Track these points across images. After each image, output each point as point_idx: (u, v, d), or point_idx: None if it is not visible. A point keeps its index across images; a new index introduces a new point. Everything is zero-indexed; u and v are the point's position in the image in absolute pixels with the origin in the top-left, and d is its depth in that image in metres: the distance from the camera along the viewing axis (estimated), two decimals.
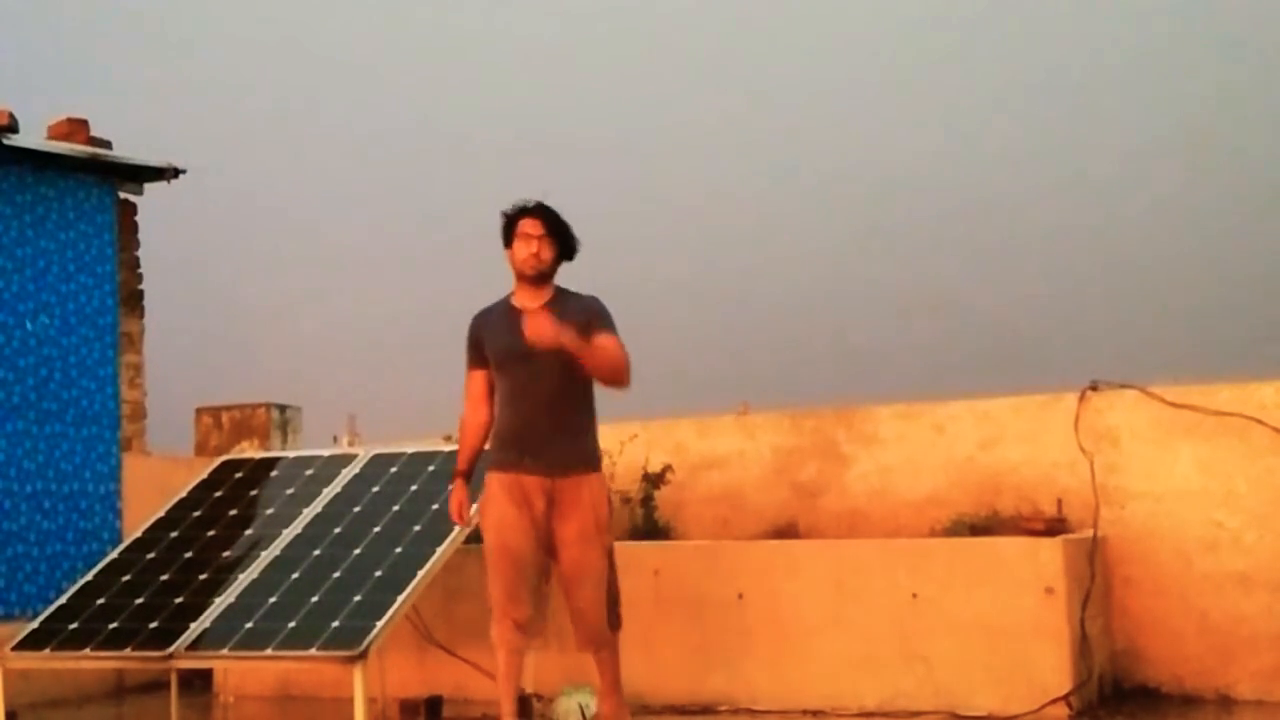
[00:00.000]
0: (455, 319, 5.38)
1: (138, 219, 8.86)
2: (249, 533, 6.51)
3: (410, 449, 6.94)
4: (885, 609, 6.06)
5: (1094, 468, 6.46)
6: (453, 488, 5.34)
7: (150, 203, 8.86)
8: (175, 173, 8.69)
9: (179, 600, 5.98)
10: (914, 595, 6.02)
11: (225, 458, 7.62)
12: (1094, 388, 6.60)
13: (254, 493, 6.91)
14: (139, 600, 6.04)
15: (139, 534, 6.70)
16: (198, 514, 6.75)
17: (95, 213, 8.37)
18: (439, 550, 5.95)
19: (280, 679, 7.23)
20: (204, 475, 7.17)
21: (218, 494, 6.92)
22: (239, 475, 7.09)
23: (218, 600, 5.90)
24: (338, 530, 6.33)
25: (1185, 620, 6.26)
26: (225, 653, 5.66)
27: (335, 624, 5.53)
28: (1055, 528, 6.13)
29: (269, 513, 6.66)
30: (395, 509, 6.40)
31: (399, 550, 6.04)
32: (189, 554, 6.39)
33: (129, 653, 5.74)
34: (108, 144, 8.63)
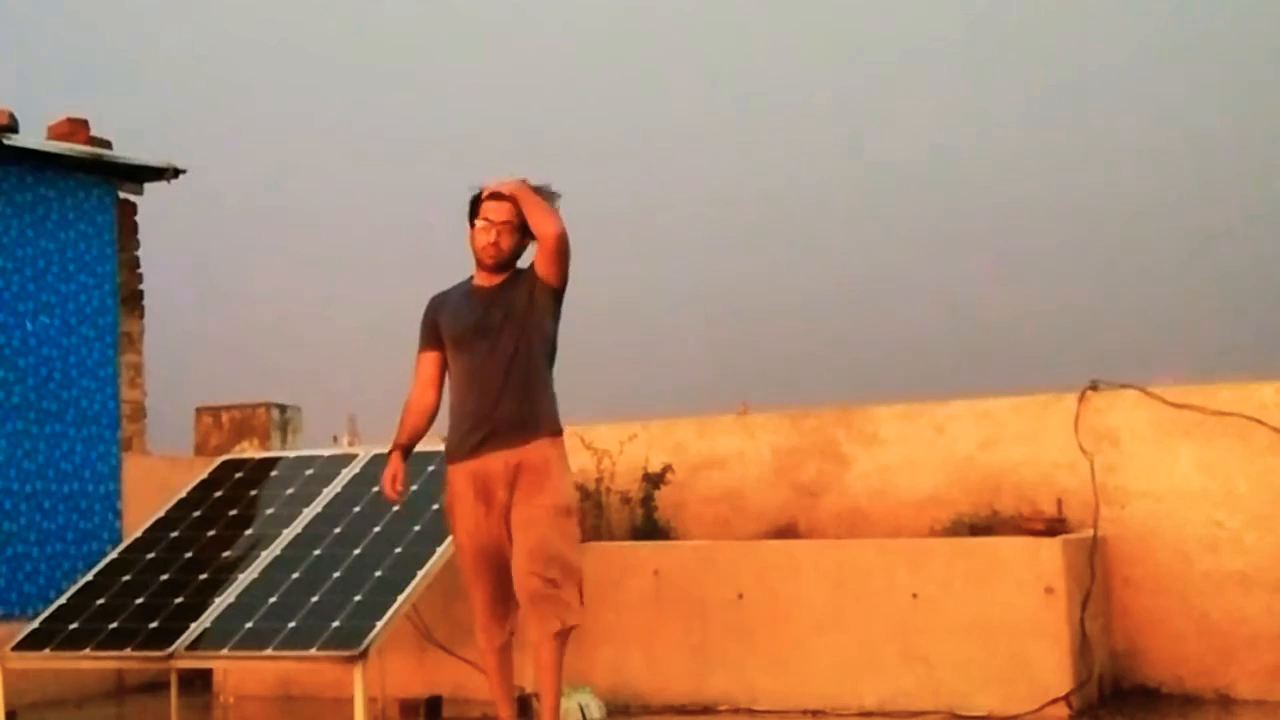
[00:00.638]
0: None
1: (138, 219, 8.86)
2: (249, 533, 6.51)
3: None
4: (885, 609, 6.06)
5: (1094, 468, 6.46)
6: (390, 457, 5.07)
7: (150, 203, 8.87)
8: (175, 173, 8.69)
9: (179, 600, 5.98)
10: (914, 595, 6.02)
11: (225, 458, 7.62)
12: (1094, 388, 6.60)
13: (254, 493, 6.91)
14: (139, 600, 6.04)
15: (139, 534, 6.70)
16: (198, 514, 6.76)
17: (95, 213, 8.37)
18: (439, 550, 5.95)
19: (280, 679, 7.23)
20: (204, 475, 7.17)
21: (218, 494, 6.92)
22: (239, 475, 7.09)
23: (218, 600, 5.90)
24: (338, 530, 6.33)
25: (1185, 620, 6.26)
26: (225, 653, 5.66)
27: (335, 624, 5.53)
28: (1055, 528, 6.13)
29: (269, 513, 6.66)
30: (395, 509, 6.40)
31: (399, 550, 6.04)
32: (189, 554, 6.39)
33: (129, 653, 5.74)
34: (108, 144, 8.63)
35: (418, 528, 6.18)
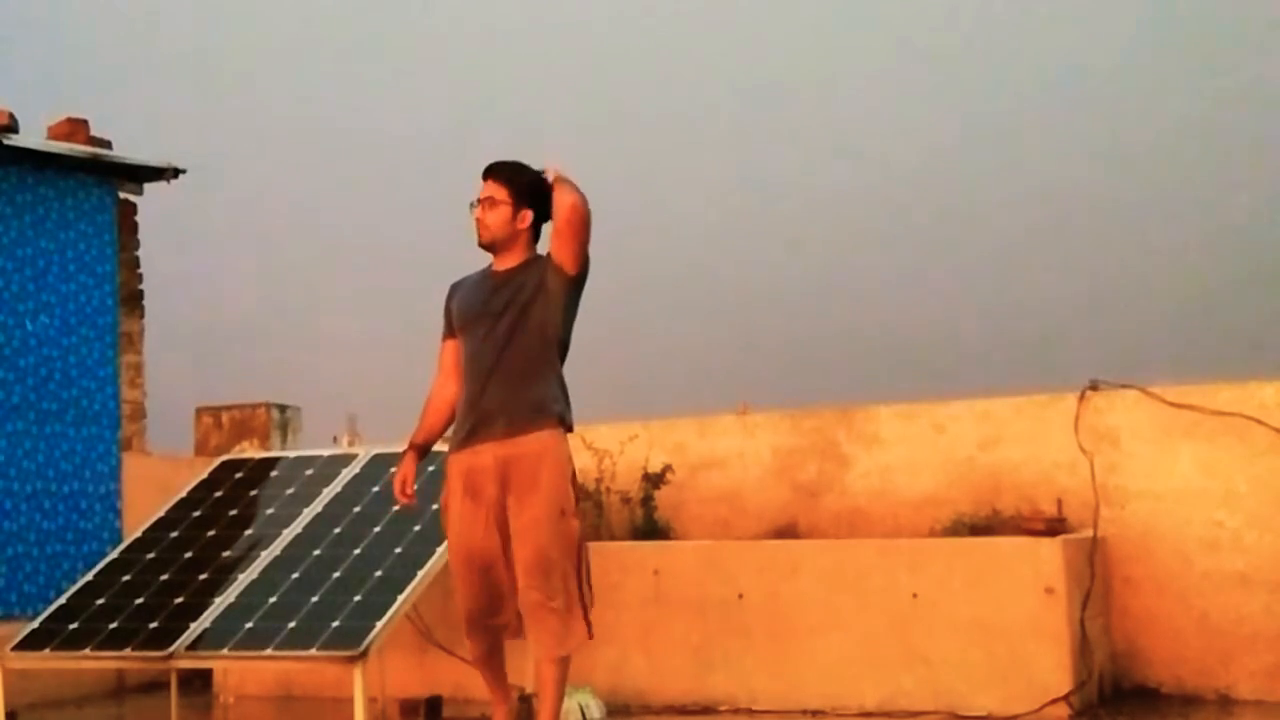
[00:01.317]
0: None
1: (138, 219, 8.87)
2: (249, 533, 6.51)
3: None
4: (885, 609, 6.06)
5: (1094, 468, 6.46)
6: (403, 457, 4.90)
7: (150, 203, 8.87)
8: (175, 173, 8.70)
9: (179, 600, 5.98)
10: (914, 595, 6.02)
11: (225, 458, 7.61)
12: (1094, 388, 6.60)
13: (254, 493, 6.91)
14: (139, 600, 6.04)
15: (139, 534, 6.70)
16: (198, 514, 6.76)
17: (95, 213, 8.38)
18: (439, 550, 5.95)
19: (280, 679, 7.23)
20: (204, 475, 7.17)
21: (218, 494, 6.92)
22: (239, 475, 7.09)
23: (218, 600, 5.90)
24: (338, 530, 6.33)
25: (1185, 620, 6.26)
26: (225, 653, 5.66)
27: (335, 624, 5.53)
28: (1055, 528, 6.13)
29: (269, 513, 6.66)
30: (395, 509, 6.39)
31: (399, 550, 6.04)
32: (189, 554, 6.39)
33: (129, 653, 5.74)
34: (108, 144, 8.64)
35: (418, 528, 6.18)
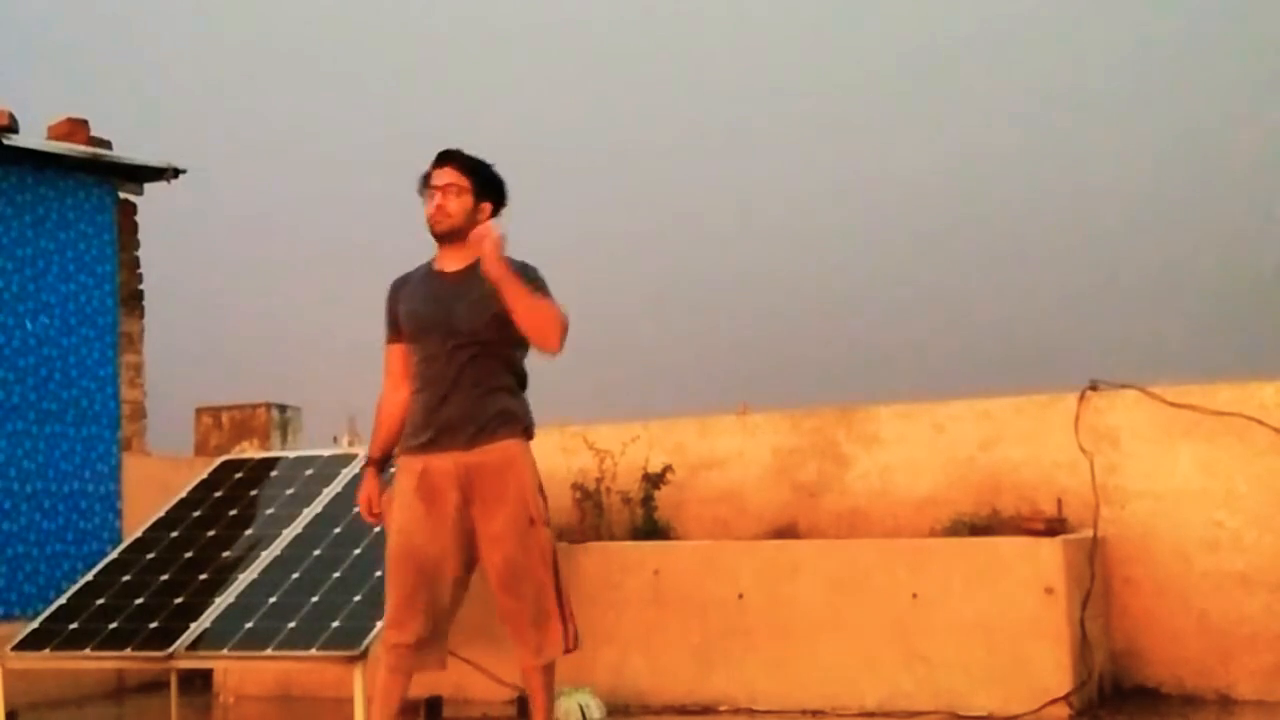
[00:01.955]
0: None
1: (138, 219, 8.86)
2: (249, 533, 6.51)
3: None
4: (885, 609, 6.06)
5: (1094, 468, 6.46)
6: (364, 474, 4.82)
7: (150, 203, 8.87)
8: (175, 173, 8.70)
9: (179, 600, 5.98)
10: (914, 595, 6.02)
11: (225, 458, 7.62)
12: (1094, 388, 6.60)
13: (254, 493, 6.91)
14: (139, 600, 6.05)
15: (139, 534, 6.70)
16: (198, 514, 6.76)
17: (95, 213, 8.38)
18: None
19: (280, 679, 7.23)
20: (204, 475, 7.17)
21: (218, 494, 6.93)
22: (239, 475, 7.09)
23: (218, 600, 5.90)
24: (338, 530, 6.33)
25: (1185, 620, 6.26)
26: (225, 653, 5.66)
27: (335, 624, 5.53)
28: (1055, 528, 6.13)
29: (269, 513, 6.66)
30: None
31: None
32: (189, 554, 6.39)
33: (129, 653, 5.74)
34: (108, 144, 8.63)
35: None
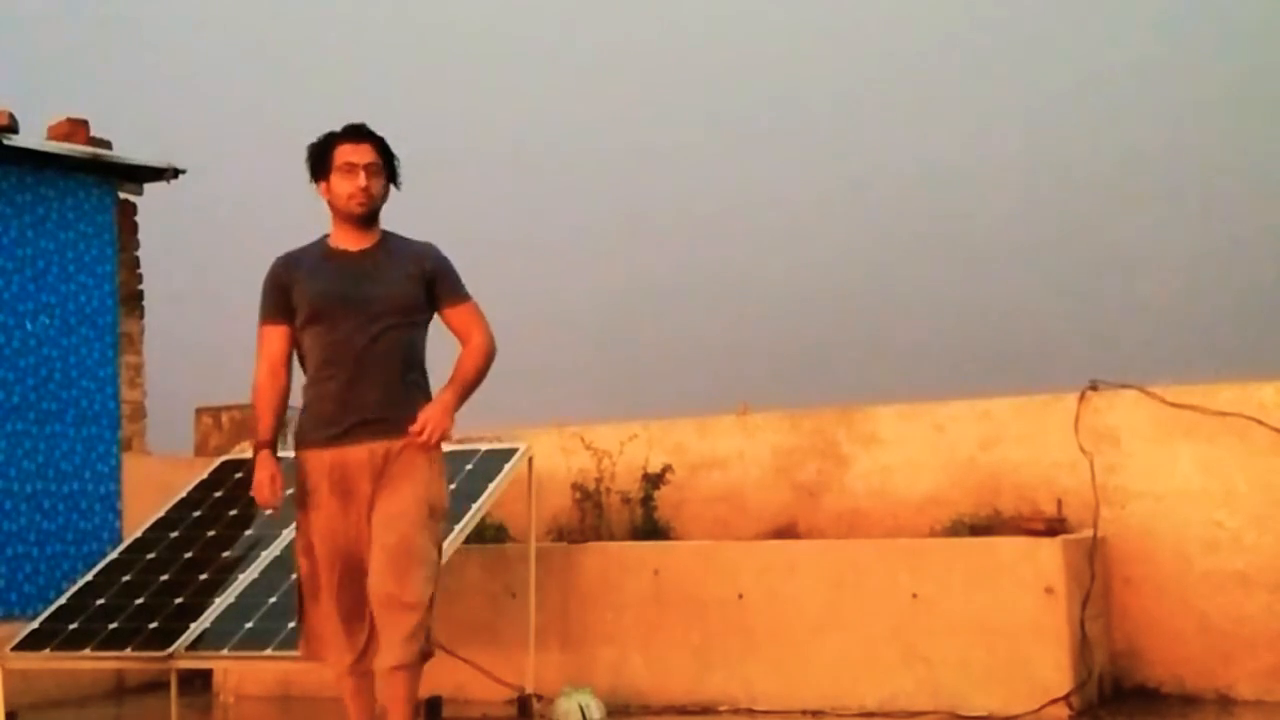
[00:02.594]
0: None
1: (138, 219, 8.87)
2: (249, 533, 6.51)
3: None
4: (885, 609, 6.06)
5: (1094, 468, 6.46)
6: (257, 458, 4.37)
7: (150, 203, 8.87)
8: (175, 173, 8.70)
9: (179, 600, 5.98)
10: (914, 595, 6.02)
11: (225, 458, 7.61)
12: (1094, 388, 6.60)
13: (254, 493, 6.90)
14: (139, 600, 6.04)
15: (139, 534, 6.70)
16: (198, 514, 6.76)
17: (95, 213, 8.38)
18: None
19: (280, 679, 7.23)
20: (204, 475, 7.17)
21: (218, 494, 6.92)
22: (239, 475, 7.09)
23: (218, 600, 5.90)
24: None
25: (1185, 620, 6.26)
26: (225, 653, 5.66)
27: None
28: (1055, 528, 6.13)
29: (269, 513, 6.65)
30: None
31: None
32: (189, 554, 6.39)
33: (129, 653, 5.74)
34: (108, 144, 8.63)
35: None
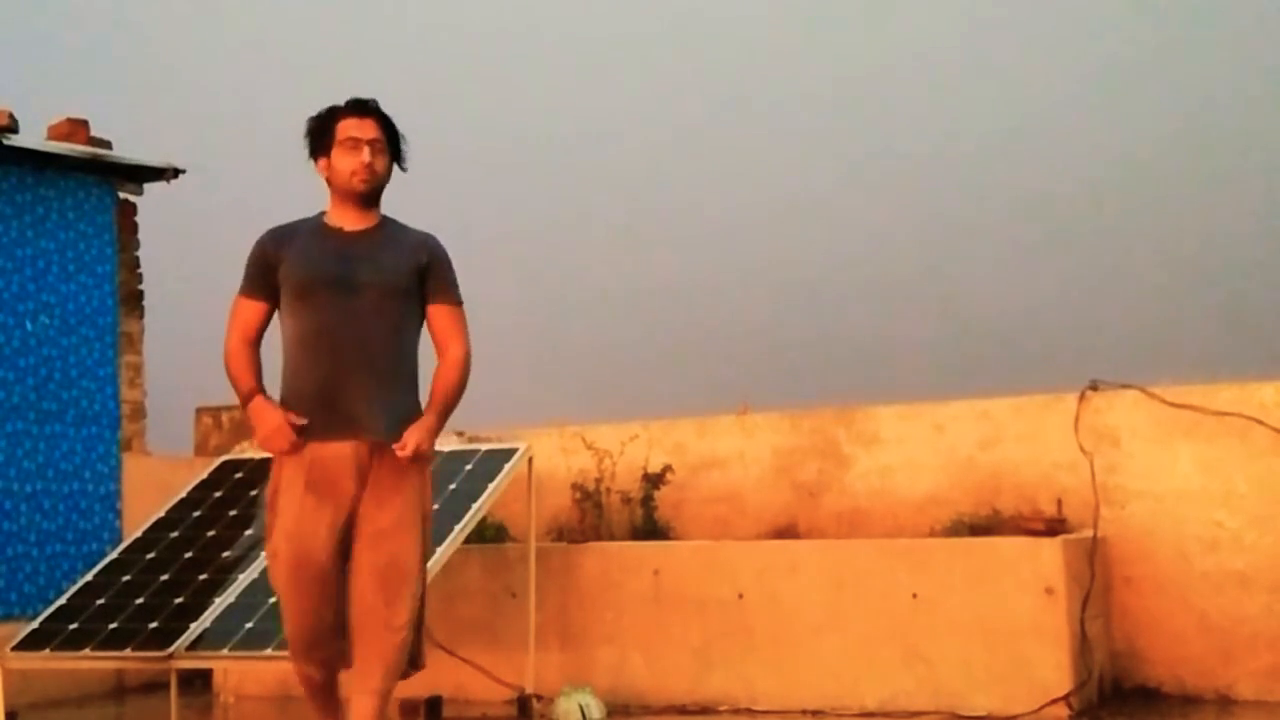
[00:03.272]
0: None
1: (138, 219, 8.86)
2: (249, 533, 6.50)
3: None
4: (885, 609, 6.06)
5: (1094, 468, 6.46)
6: (252, 406, 4.06)
7: (150, 203, 8.87)
8: (175, 173, 8.69)
9: (179, 600, 5.98)
10: (914, 595, 6.02)
11: (225, 458, 7.61)
12: (1094, 388, 6.60)
13: (254, 493, 6.90)
14: (139, 600, 6.04)
15: (139, 534, 6.70)
16: (198, 514, 6.75)
17: (95, 213, 8.38)
18: (438, 550, 5.95)
19: (280, 679, 7.22)
20: (204, 475, 7.17)
21: (218, 494, 6.92)
22: (239, 475, 7.09)
23: (218, 600, 5.90)
24: None
25: (1185, 620, 6.26)
26: (225, 653, 5.66)
27: None
28: (1055, 528, 6.14)
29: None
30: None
31: None
32: (189, 554, 6.39)
33: (129, 653, 5.74)
34: (108, 144, 8.63)
35: None
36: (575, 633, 6.63)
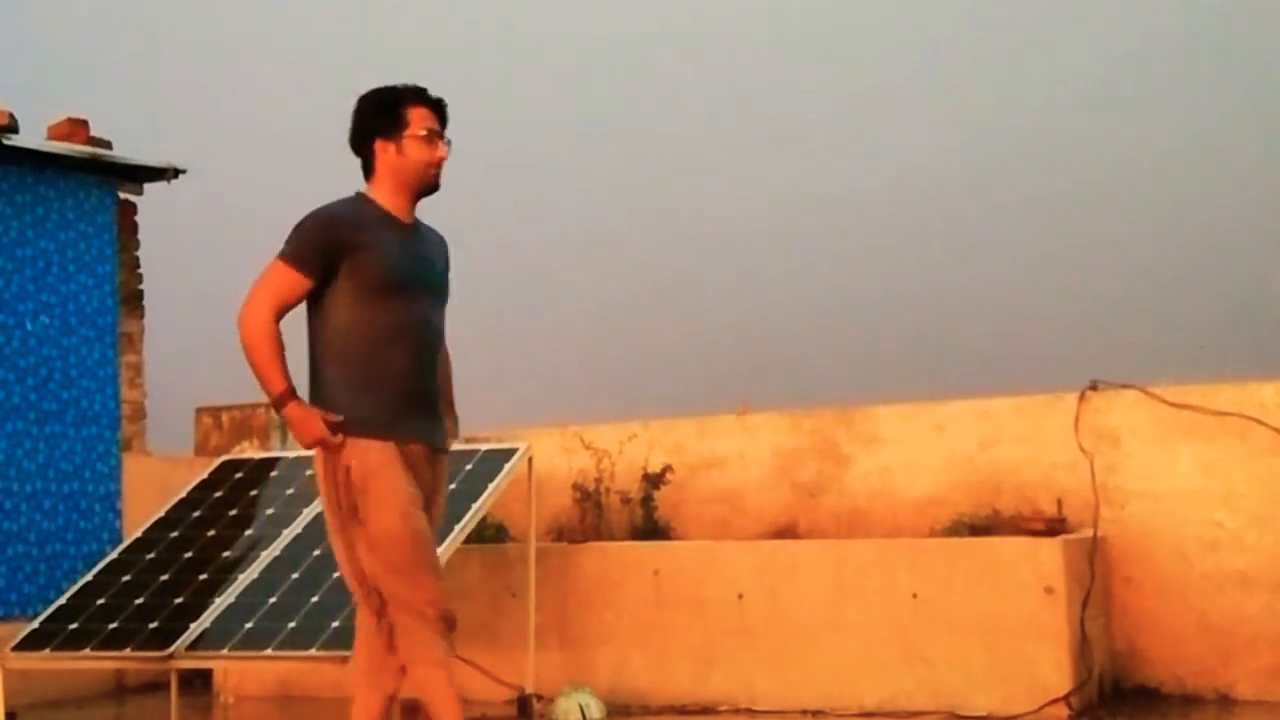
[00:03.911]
0: None
1: (138, 219, 8.86)
2: (249, 533, 6.51)
3: None
4: (885, 609, 6.06)
5: (1094, 468, 6.46)
6: (289, 410, 3.89)
7: (150, 203, 8.87)
8: (175, 173, 8.69)
9: (179, 600, 5.98)
10: (914, 595, 6.02)
11: (225, 458, 7.61)
12: (1094, 388, 6.60)
13: (254, 493, 6.91)
14: (139, 600, 6.04)
15: (139, 534, 6.70)
16: (198, 514, 6.75)
17: (95, 213, 8.38)
18: (439, 550, 5.94)
19: (280, 679, 7.23)
20: (204, 475, 7.17)
21: (218, 494, 6.92)
22: (239, 475, 7.09)
23: (218, 600, 5.90)
24: None
25: (1185, 620, 6.26)
26: (225, 653, 5.66)
27: (335, 624, 5.53)
28: (1055, 528, 6.14)
29: (269, 513, 6.65)
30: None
31: None
32: (189, 554, 6.39)
33: (129, 653, 5.74)
34: (108, 144, 8.63)
35: None
36: (575, 633, 6.63)
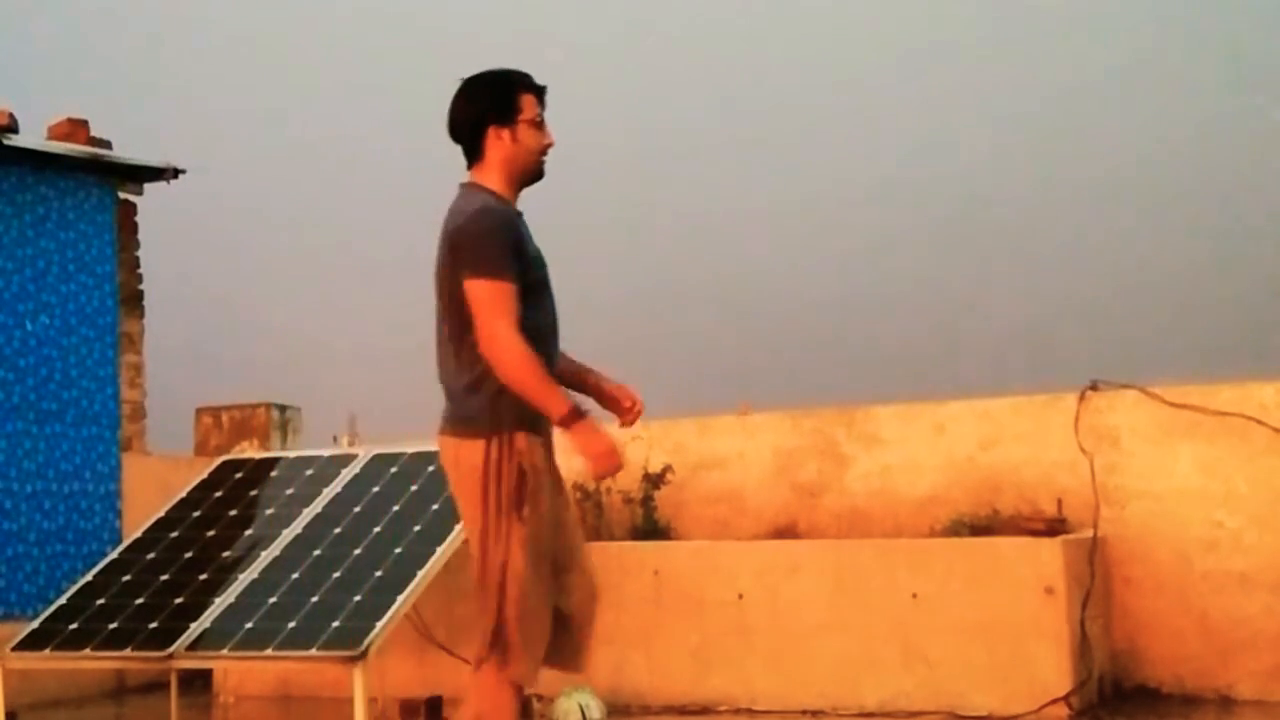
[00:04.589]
0: None
1: (138, 219, 8.87)
2: (249, 533, 6.51)
3: (410, 449, 6.93)
4: (885, 609, 6.06)
5: (1094, 468, 6.46)
6: (586, 423, 3.76)
7: (150, 203, 8.87)
8: (175, 173, 8.70)
9: (179, 600, 5.98)
10: (914, 595, 6.02)
11: (225, 458, 7.62)
12: (1094, 388, 6.60)
13: (254, 493, 6.91)
14: (139, 600, 6.05)
15: (139, 534, 6.70)
16: (198, 514, 6.76)
17: (95, 213, 8.38)
18: (439, 550, 5.96)
19: (280, 679, 7.23)
20: (204, 475, 7.17)
21: (218, 494, 6.93)
22: (239, 475, 7.10)
23: (218, 600, 5.90)
24: (338, 530, 6.33)
25: (1185, 620, 6.26)
26: (225, 653, 5.66)
27: (335, 624, 5.54)
28: (1055, 528, 6.14)
29: (269, 513, 6.66)
30: (395, 509, 6.40)
31: (399, 550, 6.04)
32: (189, 554, 6.40)
33: (129, 653, 5.74)
34: (108, 144, 8.63)
35: (418, 528, 6.19)
36: None
